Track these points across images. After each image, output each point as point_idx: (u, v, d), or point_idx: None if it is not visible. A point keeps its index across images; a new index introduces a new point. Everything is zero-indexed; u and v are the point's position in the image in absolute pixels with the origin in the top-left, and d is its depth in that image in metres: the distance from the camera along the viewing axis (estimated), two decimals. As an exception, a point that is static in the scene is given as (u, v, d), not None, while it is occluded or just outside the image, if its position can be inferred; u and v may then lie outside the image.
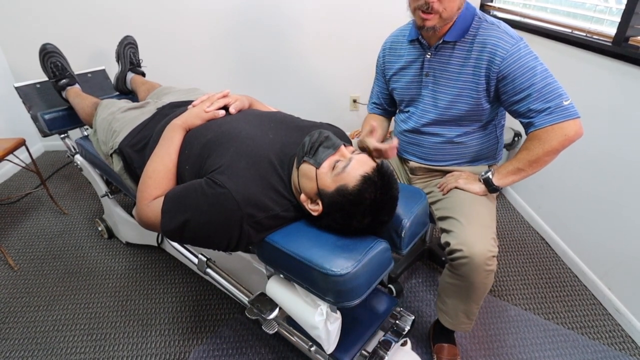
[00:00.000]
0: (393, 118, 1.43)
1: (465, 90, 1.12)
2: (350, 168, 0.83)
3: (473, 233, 1.05)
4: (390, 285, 1.49)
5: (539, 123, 1.03)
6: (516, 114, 1.09)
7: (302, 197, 0.89)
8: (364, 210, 0.82)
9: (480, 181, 1.17)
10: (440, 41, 1.11)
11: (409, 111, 1.27)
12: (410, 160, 1.31)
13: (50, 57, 1.66)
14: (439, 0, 1.01)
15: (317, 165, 0.85)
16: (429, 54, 1.15)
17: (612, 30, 1.43)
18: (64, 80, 1.66)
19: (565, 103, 1.01)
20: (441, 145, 1.22)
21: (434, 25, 1.05)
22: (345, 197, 0.82)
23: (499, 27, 1.07)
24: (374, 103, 1.42)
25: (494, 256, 1.03)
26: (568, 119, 1.01)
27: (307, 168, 0.87)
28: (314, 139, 0.88)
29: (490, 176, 1.14)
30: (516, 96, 1.05)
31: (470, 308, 1.14)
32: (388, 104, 1.39)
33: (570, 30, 1.65)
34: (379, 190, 0.82)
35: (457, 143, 1.20)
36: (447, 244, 1.08)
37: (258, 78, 2.55)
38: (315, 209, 0.87)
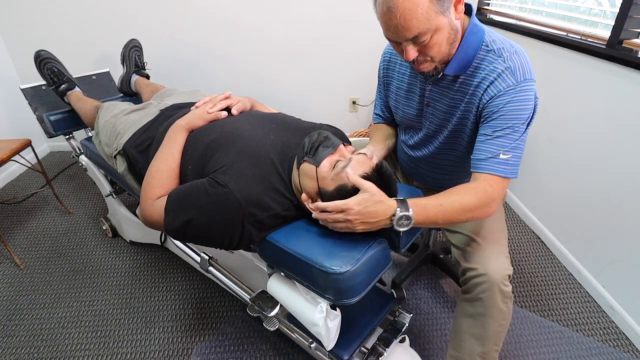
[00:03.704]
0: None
1: (463, 127, 1.01)
2: (349, 168, 0.85)
3: (488, 250, 1.01)
4: (393, 290, 1.46)
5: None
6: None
7: (303, 196, 0.91)
8: None
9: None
10: (439, 75, 0.99)
11: (409, 133, 1.19)
12: (414, 180, 1.29)
13: (45, 63, 1.66)
14: (421, 52, 0.88)
15: (317, 164, 0.87)
16: (430, 83, 1.03)
17: (606, 33, 1.45)
18: (64, 86, 1.67)
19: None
20: (441, 177, 1.17)
21: (430, 70, 0.94)
22: (344, 196, 0.83)
23: (505, 60, 0.90)
24: (378, 114, 1.31)
25: (509, 275, 0.97)
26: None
27: (307, 167, 0.88)
28: (313, 139, 0.90)
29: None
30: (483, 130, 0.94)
31: (488, 350, 1.00)
32: (393, 116, 1.27)
33: (565, 33, 1.67)
34: (378, 187, 0.83)
35: (458, 173, 1.15)
36: (460, 263, 1.03)
37: (258, 79, 2.57)
38: None
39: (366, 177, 0.84)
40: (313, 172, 0.87)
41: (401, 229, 0.84)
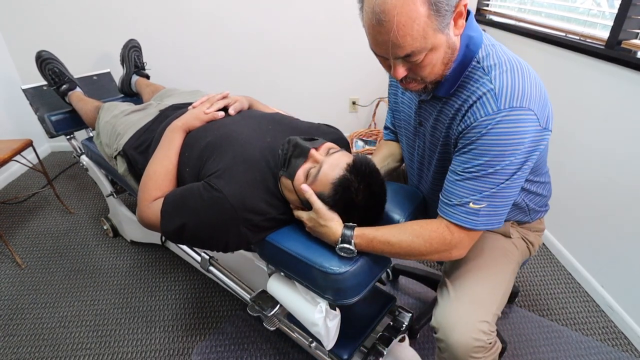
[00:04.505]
0: None
1: (449, 155, 0.86)
2: (321, 174, 0.81)
3: (458, 309, 0.84)
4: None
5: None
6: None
7: (292, 205, 0.91)
8: (350, 211, 0.83)
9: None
10: (430, 96, 0.86)
11: (406, 156, 1.08)
12: None
13: (47, 63, 1.66)
14: (410, 71, 0.75)
15: (292, 178, 0.85)
16: (421, 100, 0.90)
17: (605, 34, 1.45)
18: (65, 86, 1.68)
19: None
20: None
21: (419, 90, 0.82)
22: (327, 204, 0.82)
23: (492, 80, 0.74)
24: (387, 128, 1.20)
25: (482, 347, 0.79)
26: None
27: (285, 181, 0.88)
28: (284, 150, 0.88)
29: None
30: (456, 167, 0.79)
31: None
32: None
33: (564, 34, 1.67)
34: (356, 190, 0.79)
35: None
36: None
37: (258, 80, 2.57)
38: None
39: (341, 179, 0.79)
40: (290, 185, 0.86)
41: (346, 256, 0.83)
